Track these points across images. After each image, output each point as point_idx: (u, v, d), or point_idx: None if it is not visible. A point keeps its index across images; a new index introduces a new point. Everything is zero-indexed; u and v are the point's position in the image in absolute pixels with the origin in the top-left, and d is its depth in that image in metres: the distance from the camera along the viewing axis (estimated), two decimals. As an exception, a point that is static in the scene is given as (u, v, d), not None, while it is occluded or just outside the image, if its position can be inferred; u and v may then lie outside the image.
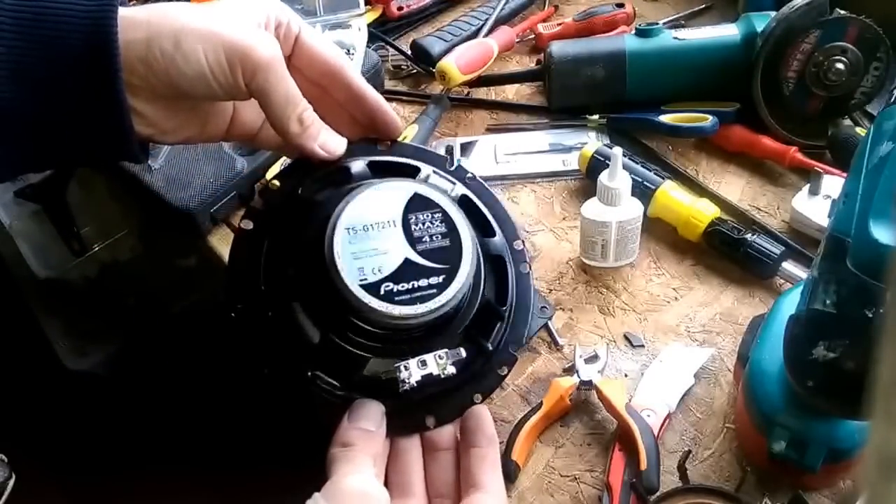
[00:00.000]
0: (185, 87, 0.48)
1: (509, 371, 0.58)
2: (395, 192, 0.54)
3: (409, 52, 1.00)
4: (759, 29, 0.83)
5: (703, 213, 0.76)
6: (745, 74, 0.83)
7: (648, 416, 0.64)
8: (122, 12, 0.47)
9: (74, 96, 0.47)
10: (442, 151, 0.89)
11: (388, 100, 0.96)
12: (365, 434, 0.50)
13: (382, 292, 0.51)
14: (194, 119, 0.54)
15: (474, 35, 0.99)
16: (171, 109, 0.51)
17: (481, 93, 0.97)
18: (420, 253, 0.53)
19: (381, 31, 1.03)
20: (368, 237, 0.52)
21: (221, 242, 0.83)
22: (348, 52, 0.93)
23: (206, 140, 0.57)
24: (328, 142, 0.55)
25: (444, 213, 0.54)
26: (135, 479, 1.20)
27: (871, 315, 0.46)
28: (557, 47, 0.90)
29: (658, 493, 0.59)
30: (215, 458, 1.20)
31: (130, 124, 0.48)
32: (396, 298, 0.51)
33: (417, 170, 0.59)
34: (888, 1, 0.79)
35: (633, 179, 0.74)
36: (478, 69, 0.94)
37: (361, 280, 0.50)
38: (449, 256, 0.53)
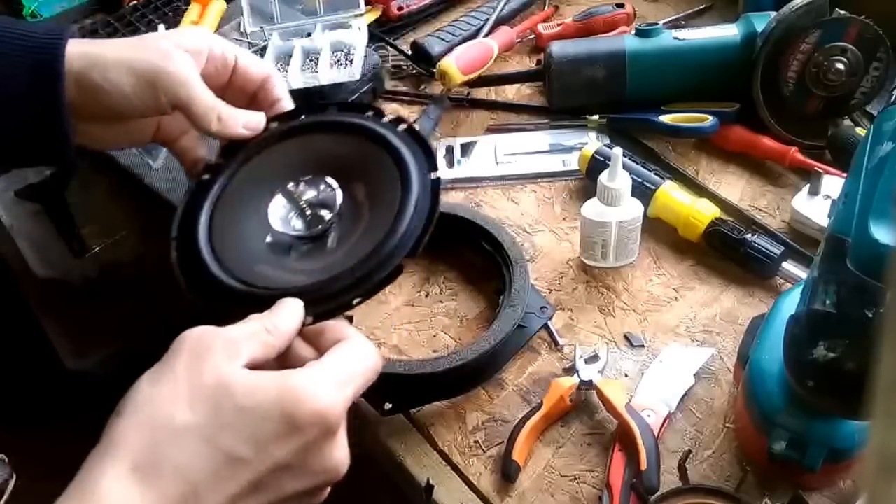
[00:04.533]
0: (114, 108, 0.57)
1: (391, 279, 0.53)
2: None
3: (409, 53, 1.00)
4: (759, 29, 0.83)
5: (703, 213, 0.76)
6: (745, 74, 0.83)
7: (648, 416, 0.64)
8: (66, 47, 0.56)
9: (21, 111, 0.55)
10: (443, 151, 0.89)
11: (389, 100, 0.97)
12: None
13: None
14: (123, 130, 0.62)
15: (474, 35, 1.00)
16: (103, 125, 0.60)
17: (481, 93, 0.97)
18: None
19: (382, 32, 1.03)
20: None
21: (221, 242, 0.83)
22: (348, 53, 0.93)
23: (132, 145, 0.68)
24: (250, 120, 0.61)
25: None
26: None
27: (871, 315, 0.46)
28: (557, 47, 0.90)
29: (658, 493, 0.59)
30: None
31: (70, 139, 0.57)
32: None
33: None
34: (888, 1, 0.79)
35: (633, 179, 0.74)
36: (478, 69, 0.94)
37: None
38: None
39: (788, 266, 0.73)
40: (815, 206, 0.77)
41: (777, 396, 0.57)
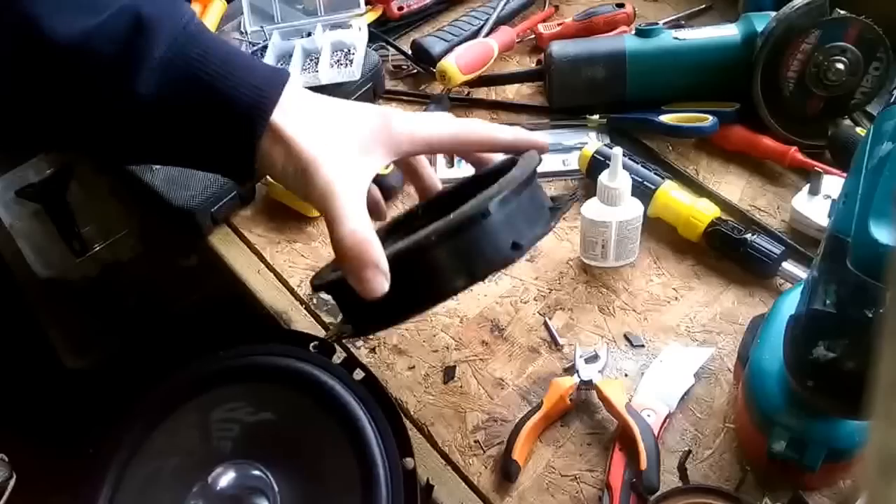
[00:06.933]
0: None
1: None
2: None
3: (409, 52, 1.00)
4: (759, 29, 0.83)
5: (703, 213, 0.76)
6: (745, 74, 0.83)
7: (648, 416, 0.64)
8: (277, 119, 0.51)
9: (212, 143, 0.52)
10: (442, 151, 0.89)
11: (389, 100, 0.97)
12: None
13: None
14: None
15: (474, 35, 0.99)
16: None
17: (481, 93, 0.97)
18: None
19: (382, 31, 1.03)
20: None
21: (222, 242, 0.83)
22: (349, 52, 0.93)
23: None
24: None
25: None
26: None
27: (871, 315, 0.46)
28: (557, 47, 0.90)
29: (658, 493, 0.59)
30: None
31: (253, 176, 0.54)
32: None
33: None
34: (888, 1, 0.79)
35: (633, 179, 0.74)
36: (478, 69, 0.94)
37: None
38: None
39: (788, 266, 0.73)
40: (815, 206, 0.77)
41: (777, 396, 0.57)
